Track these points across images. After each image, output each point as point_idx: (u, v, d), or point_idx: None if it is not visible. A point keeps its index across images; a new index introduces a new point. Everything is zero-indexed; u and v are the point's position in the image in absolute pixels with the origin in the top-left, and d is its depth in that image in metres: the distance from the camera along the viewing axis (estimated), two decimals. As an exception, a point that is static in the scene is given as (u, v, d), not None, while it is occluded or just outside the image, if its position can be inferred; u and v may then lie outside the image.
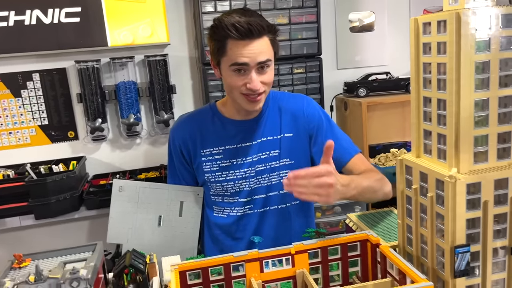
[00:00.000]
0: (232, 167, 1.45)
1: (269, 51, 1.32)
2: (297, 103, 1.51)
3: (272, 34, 1.32)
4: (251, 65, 1.28)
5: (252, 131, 1.46)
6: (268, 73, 1.33)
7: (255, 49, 1.27)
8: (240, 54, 1.27)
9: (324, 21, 2.51)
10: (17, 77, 2.21)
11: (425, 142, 1.03)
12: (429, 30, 0.95)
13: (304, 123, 1.48)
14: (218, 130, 1.47)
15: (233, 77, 1.32)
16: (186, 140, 1.48)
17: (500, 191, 0.92)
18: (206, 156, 1.46)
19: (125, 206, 1.41)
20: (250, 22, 1.25)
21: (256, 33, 1.26)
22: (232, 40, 1.27)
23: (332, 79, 2.58)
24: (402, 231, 1.13)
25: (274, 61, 1.39)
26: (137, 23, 2.18)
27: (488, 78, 0.89)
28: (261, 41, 1.29)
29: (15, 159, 2.26)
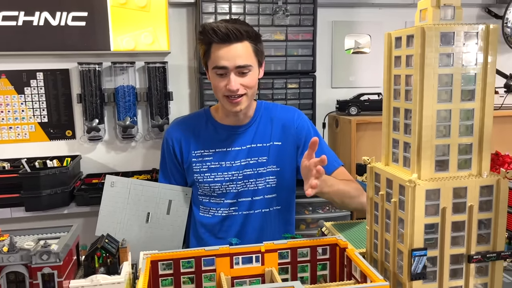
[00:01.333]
0: (220, 169, 1.51)
1: (249, 57, 1.39)
2: (288, 115, 1.58)
3: (253, 41, 1.40)
4: (230, 68, 1.36)
5: (243, 136, 1.53)
6: (248, 77, 1.40)
7: (234, 53, 1.36)
8: (220, 57, 1.36)
9: (321, 40, 2.59)
10: (22, 74, 2.29)
11: (394, 150, 1.08)
12: (400, 44, 1.01)
13: (293, 134, 1.55)
14: (210, 134, 1.54)
15: (216, 79, 1.41)
16: (179, 141, 1.54)
17: (458, 199, 0.96)
18: (197, 157, 1.52)
19: (116, 201, 1.45)
20: (229, 27, 1.34)
21: (234, 37, 1.35)
22: (215, 44, 1.37)
23: (326, 97, 2.65)
24: (369, 237, 1.16)
25: (259, 69, 1.46)
26: (140, 31, 2.27)
27: (451, 91, 0.95)
28: (240, 45, 1.37)
29: (13, 153, 2.32)
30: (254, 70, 1.42)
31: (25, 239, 0.97)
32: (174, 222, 1.53)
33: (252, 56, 1.40)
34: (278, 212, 1.59)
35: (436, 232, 0.96)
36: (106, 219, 1.43)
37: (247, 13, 2.33)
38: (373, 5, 2.60)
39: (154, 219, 1.50)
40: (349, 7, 2.61)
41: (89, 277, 0.93)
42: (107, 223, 1.43)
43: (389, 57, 1.06)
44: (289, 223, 1.64)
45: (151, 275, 1.09)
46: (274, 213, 1.58)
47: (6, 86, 2.29)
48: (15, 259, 0.85)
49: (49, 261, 0.85)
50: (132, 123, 2.32)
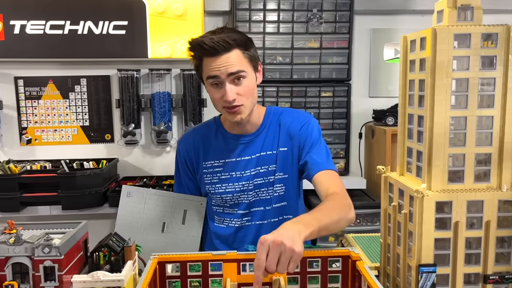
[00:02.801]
0: (231, 180, 1.49)
1: (241, 63, 1.34)
2: (295, 119, 1.52)
3: (243, 47, 1.35)
4: (222, 77, 1.32)
5: (252, 145, 1.50)
6: (244, 85, 1.35)
7: (224, 63, 1.32)
8: (211, 68, 1.33)
9: (358, 48, 2.54)
10: (67, 80, 2.43)
11: (408, 159, 1.02)
12: (415, 47, 0.96)
13: (297, 138, 1.49)
14: (220, 144, 1.52)
15: (212, 91, 1.37)
16: (190, 152, 1.54)
17: (474, 214, 0.90)
18: (207, 168, 1.51)
19: (132, 211, 1.48)
20: (214, 39, 1.30)
21: (222, 48, 1.31)
22: (205, 58, 1.34)
23: (363, 106, 2.58)
24: (383, 251, 1.11)
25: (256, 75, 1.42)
26: (177, 39, 2.33)
27: (467, 96, 0.88)
28: (230, 54, 1.32)
29: (57, 154, 2.45)
30: (249, 76, 1.37)
31: (35, 232, 1.01)
32: (190, 232, 1.54)
33: (244, 62, 1.35)
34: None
35: (448, 248, 0.90)
36: (123, 228, 1.46)
37: (281, 20, 2.33)
38: (414, 12, 2.50)
39: (170, 228, 1.51)
40: (389, 14, 2.53)
41: (91, 273, 0.95)
42: (124, 232, 1.46)
43: (404, 62, 1.01)
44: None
45: (157, 276, 1.10)
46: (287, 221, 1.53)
47: (53, 91, 2.43)
48: (20, 251, 0.88)
49: (50, 255, 0.88)
50: (166, 128, 2.38)
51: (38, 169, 2.23)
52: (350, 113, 2.50)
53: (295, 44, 2.36)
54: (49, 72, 2.42)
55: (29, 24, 2.27)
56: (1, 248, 0.88)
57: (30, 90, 2.42)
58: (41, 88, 2.42)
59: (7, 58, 2.32)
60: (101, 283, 0.94)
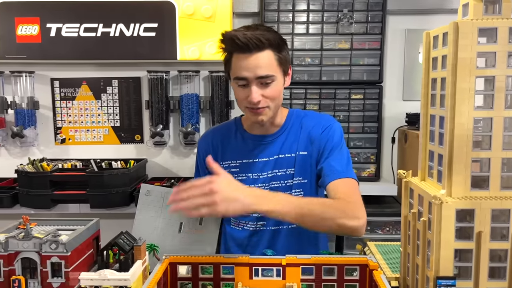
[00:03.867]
0: (247, 181, 1.46)
1: (271, 67, 1.30)
2: (318, 123, 1.47)
3: (276, 49, 1.31)
4: (250, 79, 1.29)
5: (270, 147, 1.46)
6: (271, 88, 1.32)
7: (254, 63, 1.28)
8: (240, 67, 1.29)
9: (392, 50, 2.45)
10: (100, 81, 2.49)
11: (430, 164, 0.96)
12: (437, 44, 0.90)
13: (318, 142, 1.44)
14: (238, 144, 1.50)
15: (238, 90, 1.35)
16: (209, 152, 1.51)
17: (499, 224, 0.82)
18: (224, 168, 1.47)
19: (150, 210, 1.48)
20: (248, 35, 1.25)
21: (254, 46, 1.26)
22: (235, 53, 1.31)
23: (396, 110, 2.48)
24: (403, 260, 1.05)
25: (285, 78, 1.38)
26: (205, 40, 2.34)
27: (493, 96, 0.82)
28: (261, 55, 1.28)
29: (88, 154, 2.52)
30: (278, 80, 1.33)
31: (48, 228, 1.03)
32: (207, 233, 1.52)
33: (274, 66, 1.31)
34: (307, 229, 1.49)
35: (470, 260, 0.83)
36: (141, 227, 1.47)
37: (311, 21, 2.29)
38: (452, 11, 2.38)
39: (187, 229, 1.50)
40: (424, 14, 2.43)
41: (98, 271, 0.95)
42: (142, 231, 1.46)
43: (427, 59, 0.95)
44: (320, 240, 1.53)
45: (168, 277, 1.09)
46: (303, 229, 1.48)
47: (87, 92, 2.50)
48: (28, 246, 0.89)
49: (57, 251, 0.88)
50: (194, 130, 2.39)
51: (68, 168, 2.29)
52: (382, 116, 2.41)
53: (324, 45, 2.31)
54: (82, 74, 2.50)
55: (65, 27, 2.34)
56: (11, 243, 0.89)
57: (65, 91, 2.50)
58: (75, 89, 2.49)
59: (44, 60, 2.41)
60: (108, 282, 0.93)
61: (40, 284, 0.90)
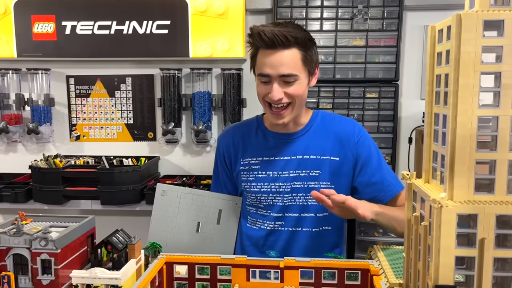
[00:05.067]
0: (267, 179, 1.44)
1: (296, 66, 1.28)
2: (347, 128, 1.45)
3: (302, 47, 1.29)
4: (273, 76, 1.28)
5: (293, 146, 1.44)
6: (294, 87, 1.30)
7: (278, 61, 1.27)
8: (264, 64, 1.29)
9: (409, 47, 2.37)
10: (114, 79, 2.51)
11: (433, 165, 0.91)
12: (442, 38, 0.85)
13: (352, 150, 1.42)
14: (259, 141, 1.48)
15: (260, 86, 1.34)
16: (229, 148, 1.51)
17: (506, 230, 0.77)
18: (244, 166, 1.47)
19: (167, 210, 1.47)
20: (275, 32, 1.24)
21: (279, 43, 1.25)
22: (261, 49, 1.30)
23: (414, 109, 2.40)
24: (406, 266, 1.00)
25: (310, 78, 1.36)
26: (217, 38, 2.32)
27: (499, 93, 0.76)
28: (286, 52, 1.27)
29: (102, 151, 2.53)
30: (302, 80, 1.31)
31: (43, 225, 1.02)
32: (225, 232, 1.50)
33: (299, 65, 1.29)
34: (328, 234, 1.46)
35: (472, 269, 0.78)
36: (158, 228, 1.46)
37: (325, 18, 2.24)
38: (473, 7, 2.29)
39: (204, 228, 1.48)
40: (444, 10, 2.33)
41: (90, 269, 0.94)
42: (159, 232, 1.45)
43: (432, 54, 0.90)
44: (338, 246, 1.50)
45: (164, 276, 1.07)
46: (324, 233, 1.45)
47: (101, 90, 2.52)
48: (19, 242, 0.89)
49: (47, 248, 0.88)
50: (206, 128, 2.37)
51: (81, 164, 2.32)
52: (398, 115, 2.34)
53: (338, 42, 2.25)
54: (97, 71, 2.51)
55: (79, 24, 2.37)
56: (3, 238, 0.89)
57: (80, 88, 2.52)
58: (90, 86, 2.52)
59: (60, 58, 2.44)
60: (99, 280, 0.92)
61: (31, 281, 0.90)
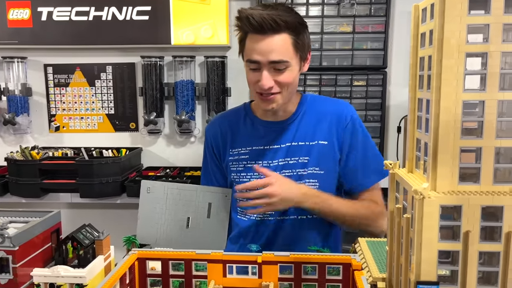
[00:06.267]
0: None
1: (287, 51, 1.22)
2: (339, 111, 1.39)
3: (293, 32, 1.22)
4: (262, 63, 1.22)
5: (282, 133, 1.39)
6: (285, 74, 1.24)
7: (268, 46, 1.20)
8: (252, 49, 1.23)
9: (398, 33, 2.31)
10: (94, 68, 2.42)
11: (417, 153, 0.86)
12: (426, 17, 0.79)
13: (340, 134, 1.37)
14: (248, 130, 1.43)
15: (249, 73, 1.28)
16: (217, 138, 1.46)
17: (491, 223, 0.72)
18: (233, 156, 1.43)
19: (153, 207, 1.40)
20: (264, 15, 1.17)
21: (269, 27, 1.18)
22: (250, 34, 1.23)
23: (402, 97, 2.35)
24: (389, 260, 0.95)
25: (302, 64, 1.31)
26: (200, 24, 2.24)
27: (485, 75, 0.71)
28: (276, 38, 1.20)
29: (82, 142, 2.45)
30: (293, 66, 1.25)
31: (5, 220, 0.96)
32: (216, 226, 1.45)
33: (290, 51, 1.23)
34: (315, 222, 1.41)
35: (457, 263, 0.73)
36: (146, 226, 1.39)
37: (311, 3, 2.17)
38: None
39: (194, 223, 1.42)
40: (433, -5, 2.28)
41: (52, 267, 0.88)
42: (147, 229, 1.39)
43: (415, 36, 0.85)
44: (330, 237, 1.45)
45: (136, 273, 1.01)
46: (310, 221, 1.40)
47: (80, 79, 2.44)
48: (-26, 240, 0.83)
49: (4, 245, 0.81)
50: (189, 118, 2.30)
51: (59, 156, 2.24)
52: (386, 104, 2.29)
53: (325, 29, 2.18)
54: (76, 60, 2.43)
55: (56, 10, 2.27)
56: (-44, 236, 0.83)
57: (58, 78, 2.44)
58: (69, 75, 2.43)
59: (36, 45, 2.35)
60: (62, 279, 0.86)
61: (-12, 281, 0.84)
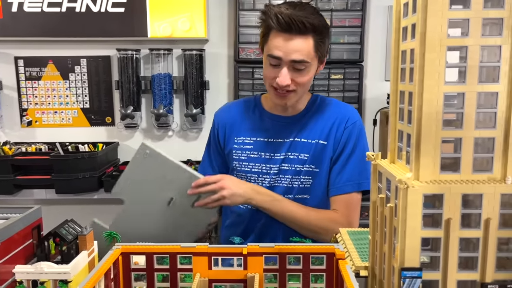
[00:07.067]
0: (258, 160, 1.43)
1: (309, 53, 1.26)
2: (343, 113, 1.43)
3: (318, 35, 1.26)
4: (284, 60, 1.25)
5: (287, 128, 1.42)
6: (303, 74, 1.28)
7: (292, 46, 1.24)
8: (276, 46, 1.25)
9: (374, 28, 2.35)
10: (67, 60, 2.36)
11: (399, 144, 0.88)
12: (407, 11, 0.81)
13: (338, 134, 1.41)
14: (255, 121, 1.45)
15: (268, 68, 1.31)
16: (224, 125, 1.49)
17: (471, 210, 0.75)
18: (238, 144, 1.46)
19: (142, 174, 1.29)
20: (293, 16, 1.21)
21: (296, 29, 1.22)
22: (274, 30, 1.26)
23: (378, 91, 2.40)
24: (371, 249, 0.98)
25: (319, 65, 1.34)
26: (178, 16, 2.22)
27: (465, 68, 0.73)
28: (301, 39, 1.24)
29: (57, 137, 2.39)
30: (312, 67, 1.29)
31: (-18, 218, 0.93)
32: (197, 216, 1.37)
33: (311, 52, 1.26)
34: None
35: (438, 250, 0.76)
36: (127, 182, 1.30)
37: (288, -3, 2.17)
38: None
39: (178, 207, 1.33)
40: (407, -10, 2.33)
41: (35, 264, 0.86)
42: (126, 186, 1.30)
43: (397, 29, 0.86)
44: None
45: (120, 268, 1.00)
46: None
47: (53, 72, 2.37)
48: (-48, 237, 0.80)
49: (-16, 243, 0.79)
50: (167, 112, 2.28)
51: (33, 151, 2.18)
52: (363, 97, 2.33)
53: (302, 23, 2.20)
54: (48, 52, 2.36)
55: (27, 1, 2.20)
56: None
57: (30, 71, 2.36)
58: (41, 68, 2.36)
59: (6, 37, 2.27)
60: (46, 275, 0.85)
61: (-32, 279, 0.81)
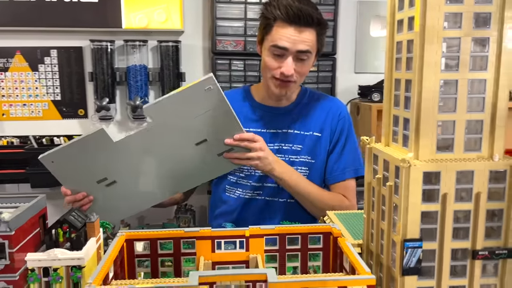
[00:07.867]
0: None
1: (312, 44, 1.34)
2: (334, 106, 1.52)
3: (321, 29, 1.35)
4: (290, 51, 1.31)
5: (279, 119, 1.47)
6: (304, 64, 1.36)
7: (299, 37, 1.30)
8: (283, 37, 1.30)
9: (344, 22, 2.44)
10: (36, 51, 2.28)
11: (394, 129, 0.95)
12: (403, 5, 0.88)
13: (332, 126, 1.49)
14: (246, 112, 1.49)
15: (270, 58, 1.35)
16: None
17: (464, 185, 0.83)
18: None
19: (193, 102, 1.27)
20: (302, 9, 1.28)
21: (304, 21, 1.29)
22: (280, 21, 1.31)
23: (349, 83, 2.50)
24: (366, 227, 1.05)
25: (317, 57, 1.42)
26: (154, 7, 2.20)
27: (458, 58, 0.81)
28: (307, 31, 1.31)
29: (26, 130, 2.31)
30: (312, 58, 1.38)
31: (-11, 207, 0.92)
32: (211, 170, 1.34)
33: (314, 44, 1.35)
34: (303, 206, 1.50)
35: (435, 222, 0.84)
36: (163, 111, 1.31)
37: (263, -10, 2.22)
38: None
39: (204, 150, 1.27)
40: (375, -13, 2.44)
41: (47, 251, 0.86)
42: (161, 115, 1.32)
43: (391, 23, 0.93)
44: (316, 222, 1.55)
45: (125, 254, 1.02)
46: (298, 205, 1.50)
47: (21, 63, 2.29)
48: (-34, 225, 0.79)
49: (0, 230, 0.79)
50: (143, 103, 2.26)
51: (4, 145, 2.11)
52: (336, 89, 2.42)
53: (277, 16, 2.25)
54: (16, 43, 2.26)
55: (-8, -11, 2.11)
56: None
57: (-4, 62, 2.27)
58: (8, 59, 2.27)
59: (-30, 27, 2.17)
60: (59, 262, 0.86)
61: (-18, 268, 0.81)
